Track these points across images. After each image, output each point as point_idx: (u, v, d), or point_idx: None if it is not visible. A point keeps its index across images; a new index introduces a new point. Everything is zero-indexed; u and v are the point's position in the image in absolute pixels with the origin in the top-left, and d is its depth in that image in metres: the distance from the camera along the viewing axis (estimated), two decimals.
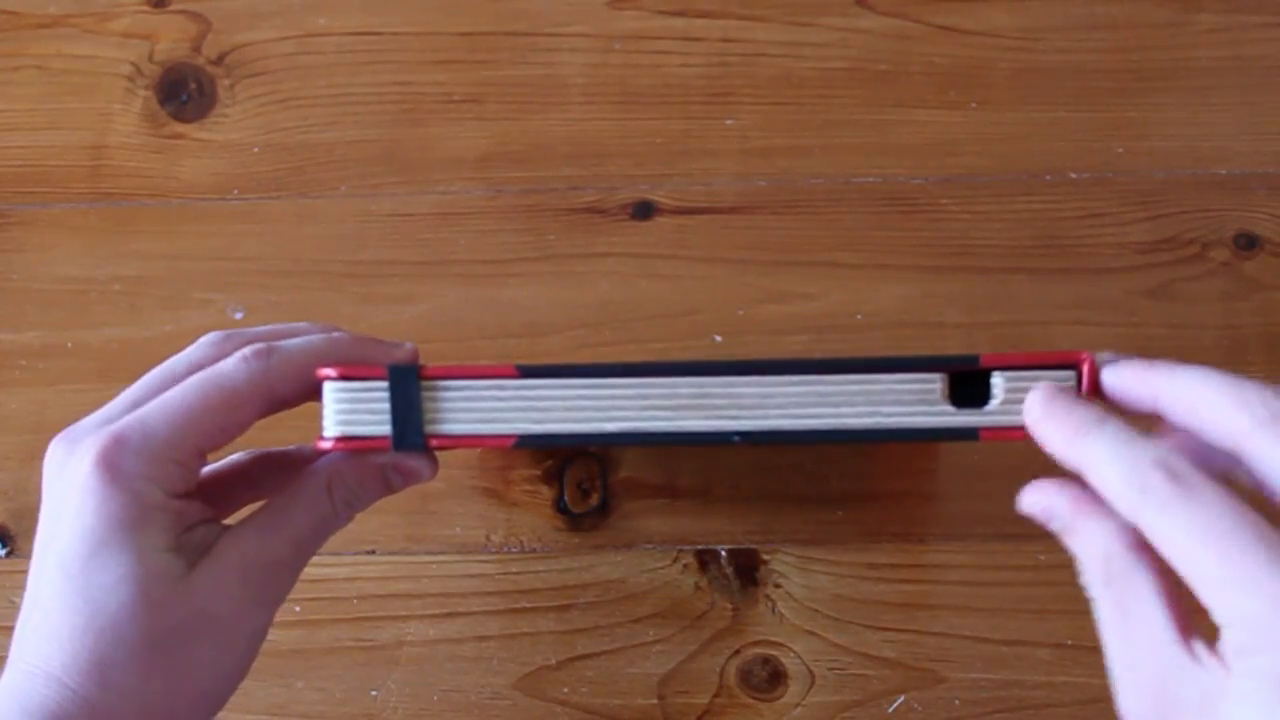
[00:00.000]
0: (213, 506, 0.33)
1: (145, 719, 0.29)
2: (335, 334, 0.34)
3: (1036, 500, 0.30)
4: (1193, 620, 0.27)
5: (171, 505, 0.30)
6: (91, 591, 0.29)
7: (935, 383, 0.32)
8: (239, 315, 0.49)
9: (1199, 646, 0.26)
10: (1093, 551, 0.28)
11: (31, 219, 0.51)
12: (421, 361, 0.34)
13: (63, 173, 0.52)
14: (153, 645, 0.29)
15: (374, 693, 0.43)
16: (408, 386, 0.31)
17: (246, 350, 0.32)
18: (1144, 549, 0.27)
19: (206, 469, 0.35)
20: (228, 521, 0.33)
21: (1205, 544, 0.25)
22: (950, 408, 0.32)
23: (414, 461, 0.34)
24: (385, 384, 0.32)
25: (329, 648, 0.44)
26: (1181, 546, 0.25)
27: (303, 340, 0.33)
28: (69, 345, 0.49)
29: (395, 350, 0.34)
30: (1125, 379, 0.30)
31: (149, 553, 0.30)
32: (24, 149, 0.52)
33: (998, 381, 0.32)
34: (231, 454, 0.36)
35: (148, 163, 0.52)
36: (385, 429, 0.32)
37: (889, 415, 0.32)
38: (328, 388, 0.32)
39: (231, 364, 0.31)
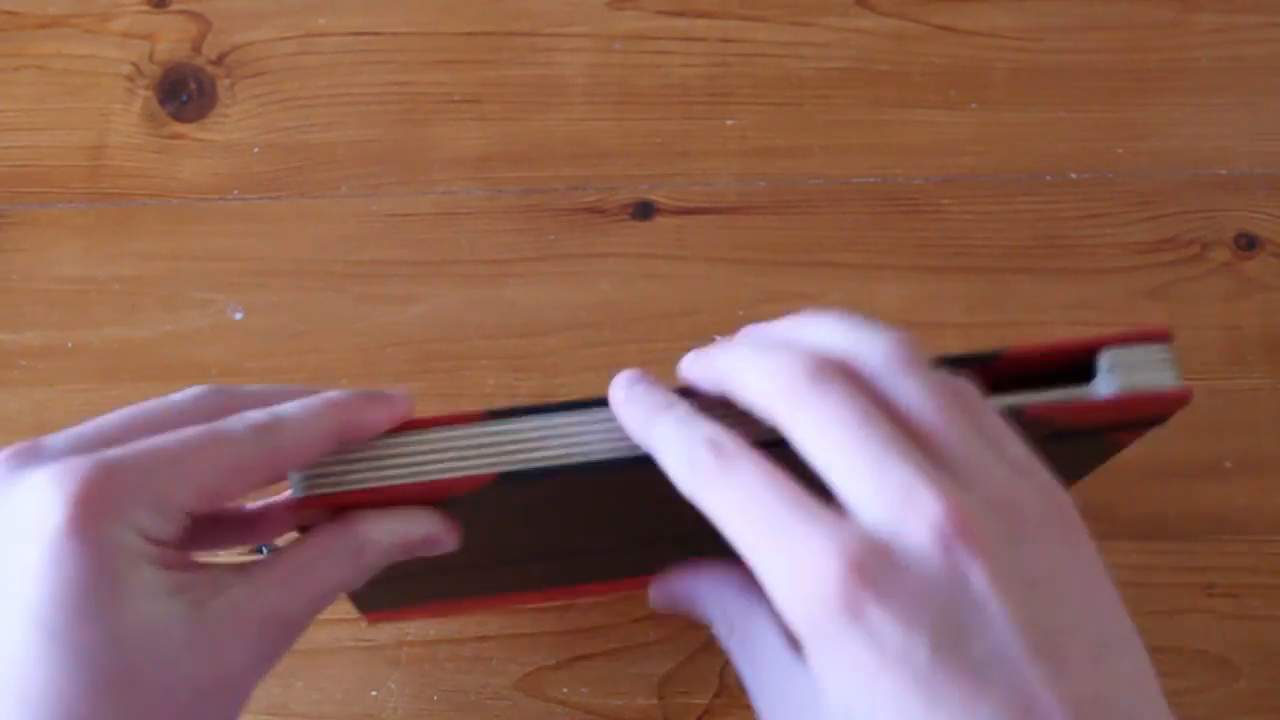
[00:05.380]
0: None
1: None
2: (332, 398, 0.31)
3: (657, 597, 0.33)
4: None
5: (152, 552, 0.27)
6: (83, 647, 0.25)
7: None
8: (239, 315, 0.49)
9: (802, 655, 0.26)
10: (716, 612, 0.30)
11: (31, 219, 0.51)
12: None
13: (63, 173, 0.52)
14: (162, 704, 0.26)
15: (374, 693, 0.43)
16: None
17: (257, 423, 0.29)
18: (751, 587, 0.29)
19: None
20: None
21: (744, 512, 0.25)
22: None
23: (443, 531, 0.32)
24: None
25: (329, 648, 0.44)
26: (726, 518, 0.26)
27: (306, 414, 0.30)
28: (69, 345, 0.49)
29: (393, 403, 0.31)
30: (694, 369, 0.29)
31: (141, 599, 0.26)
32: (24, 149, 0.52)
33: None
34: None
35: (148, 163, 0.52)
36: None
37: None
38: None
39: (241, 429, 0.29)
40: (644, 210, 0.50)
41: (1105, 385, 0.30)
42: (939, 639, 0.22)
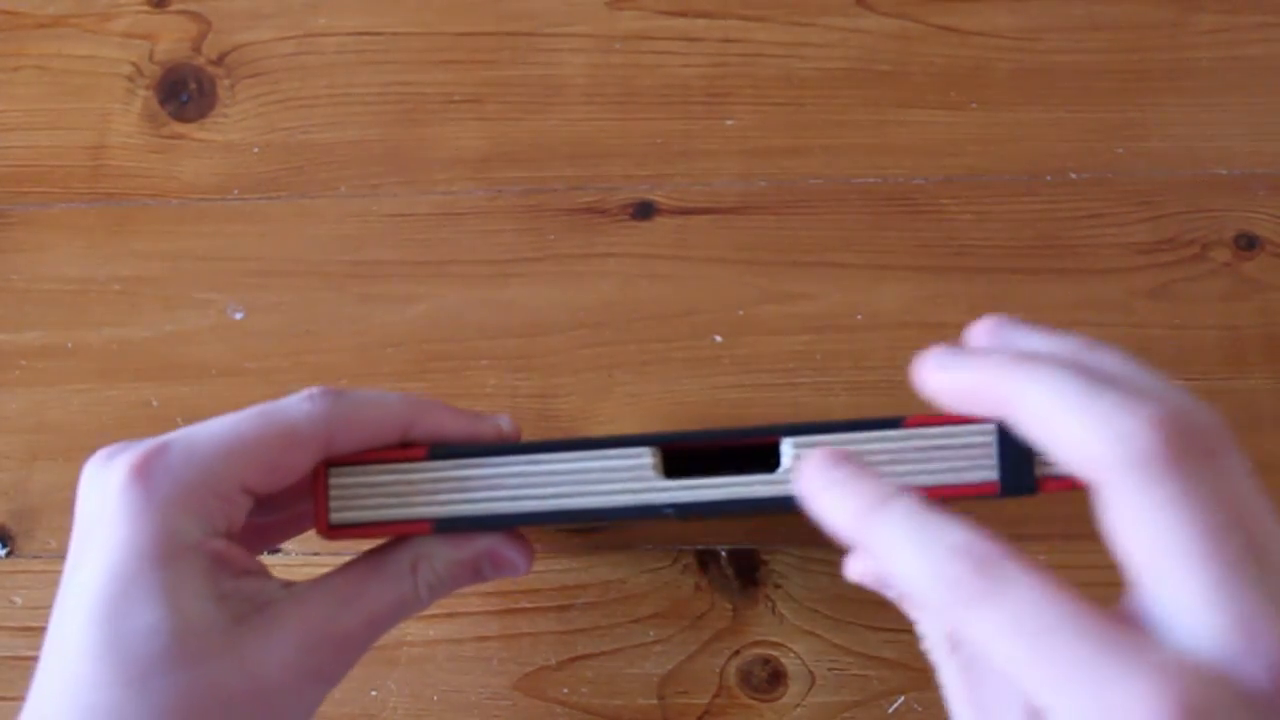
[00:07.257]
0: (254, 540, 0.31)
1: None
2: (407, 394, 0.31)
3: (865, 569, 0.29)
4: None
5: (208, 545, 0.27)
6: (120, 638, 0.25)
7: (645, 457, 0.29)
8: (239, 315, 0.49)
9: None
10: (935, 629, 0.27)
11: (31, 219, 0.51)
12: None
13: (63, 173, 0.52)
14: (187, 705, 0.26)
15: (374, 693, 0.43)
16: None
17: (314, 389, 0.29)
18: None
19: None
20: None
21: (1025, 641, 0.21)
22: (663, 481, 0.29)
23: (512, 552, 0.31)
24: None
25: None
26: (996, 647, 0.22)
27: (376, 393, 0.30)
28: (69, 345, 0.49)
29: (481, 423, 0.31)
30: (967, 381, 0.25)
31: (185, 598, 0.26)
32: (24, 149, 0.52)
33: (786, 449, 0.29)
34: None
35: (148, 163, 0.52)
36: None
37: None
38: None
39: (293, 400, 0.29)
40: (644, 210, 0.50)
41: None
42: None
